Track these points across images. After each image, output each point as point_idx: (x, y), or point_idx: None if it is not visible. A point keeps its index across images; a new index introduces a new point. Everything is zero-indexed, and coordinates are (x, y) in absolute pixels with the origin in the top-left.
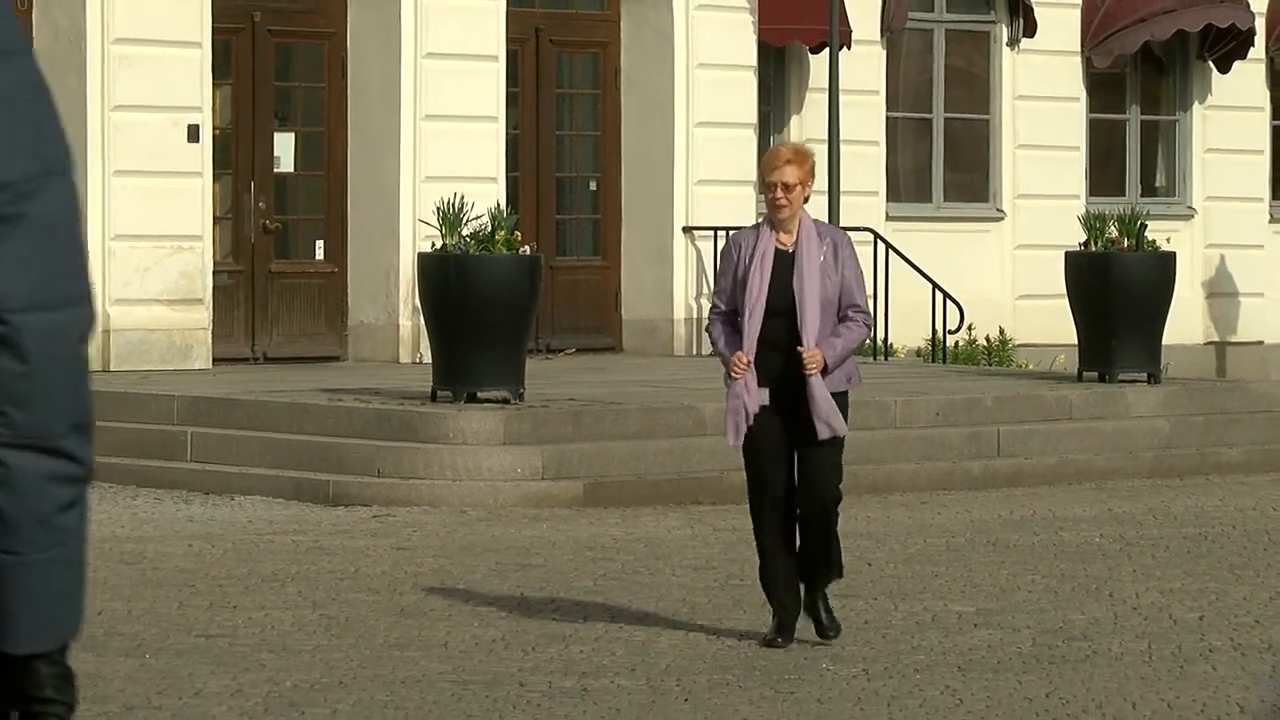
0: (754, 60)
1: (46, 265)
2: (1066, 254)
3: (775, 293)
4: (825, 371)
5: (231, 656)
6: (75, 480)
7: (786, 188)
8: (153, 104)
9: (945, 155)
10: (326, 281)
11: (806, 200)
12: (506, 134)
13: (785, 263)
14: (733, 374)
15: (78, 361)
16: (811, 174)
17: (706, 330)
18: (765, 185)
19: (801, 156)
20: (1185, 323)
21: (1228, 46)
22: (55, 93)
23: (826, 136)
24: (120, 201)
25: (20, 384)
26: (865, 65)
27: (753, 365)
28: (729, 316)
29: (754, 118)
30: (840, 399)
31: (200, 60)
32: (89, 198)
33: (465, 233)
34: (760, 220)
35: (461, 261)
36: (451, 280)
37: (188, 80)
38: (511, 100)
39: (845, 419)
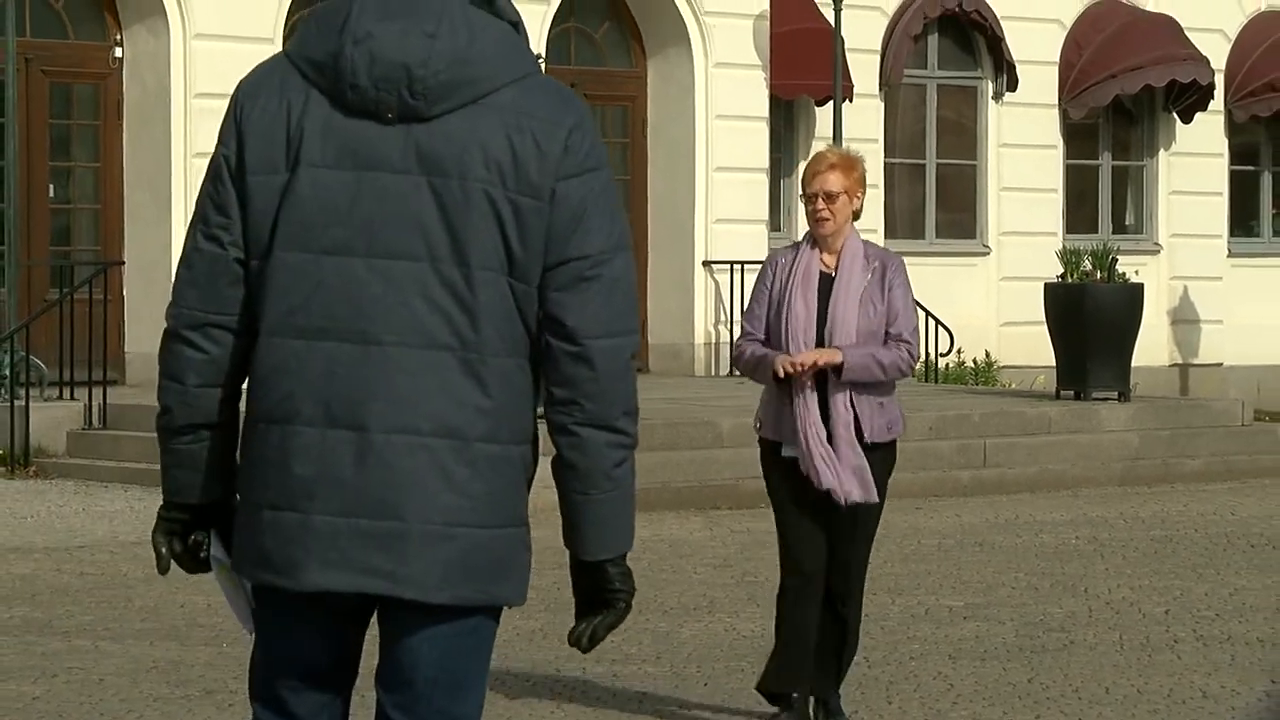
0: (766, 112)
1: (611, 309)
2: (1045, 285)
3: (818, 320)
4: (840, 369)
5: None
6: (625, 447)
7: (829, 197)
8: None
9: (937, 196)
10: None
11: (857, 216)
12: None
13: (827, 287)
14: (785, 370)
15: (628, 370)
16: (860, 184)
17: (736, 360)
18: (805, 197)
19: (849, 163)
20: (1152, 347)
21: (1190, 99)
22: (143, 142)
23: None
24: None
25: (591, 385)
26: (865, 116)
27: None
28: (762, 345)
29: (766, 163)
30: (885, 451)
31: None
32: (172, 240)
33: None
34: (802, 239)
35: None
36: None
37: None
38: None
39: (889, 473)
